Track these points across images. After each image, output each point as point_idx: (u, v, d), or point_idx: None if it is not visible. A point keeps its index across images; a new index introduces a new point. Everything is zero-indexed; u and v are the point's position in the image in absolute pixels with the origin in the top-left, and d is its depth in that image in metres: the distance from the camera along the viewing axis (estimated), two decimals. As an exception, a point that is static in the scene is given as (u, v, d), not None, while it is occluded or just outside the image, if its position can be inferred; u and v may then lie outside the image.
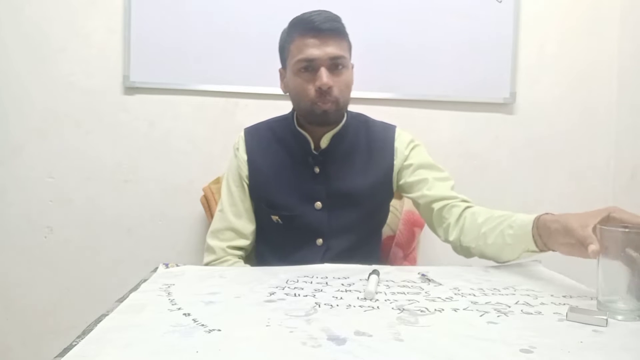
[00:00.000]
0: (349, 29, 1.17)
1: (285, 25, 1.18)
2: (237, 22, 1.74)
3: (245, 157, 1.23)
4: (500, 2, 1.81)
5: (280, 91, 1.24)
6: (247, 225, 1.24)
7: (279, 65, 1.23)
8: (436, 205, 1.17)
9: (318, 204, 1.18)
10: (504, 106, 1.86)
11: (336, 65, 1.11)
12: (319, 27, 1.09)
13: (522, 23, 1.83)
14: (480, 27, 1.81)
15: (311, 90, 1.11)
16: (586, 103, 1.90)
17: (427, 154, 1.25)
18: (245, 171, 1.23)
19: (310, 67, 1.10)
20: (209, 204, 1.56)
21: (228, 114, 1.76)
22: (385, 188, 1.24)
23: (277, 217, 1.20)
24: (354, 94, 1.22)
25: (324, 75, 1.09)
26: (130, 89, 1.75)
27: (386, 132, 1.26)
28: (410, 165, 1.22)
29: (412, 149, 1.24)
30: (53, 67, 1.73)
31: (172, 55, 1.73)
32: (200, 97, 1.77)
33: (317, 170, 1.19)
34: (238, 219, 1.23)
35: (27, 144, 1.74)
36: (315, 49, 1.09)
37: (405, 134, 1.27)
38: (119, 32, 1.72)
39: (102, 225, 1.77)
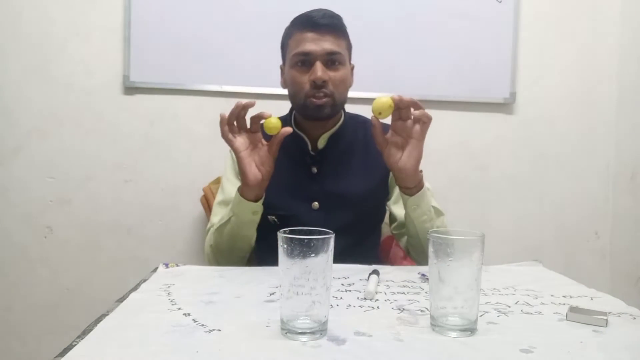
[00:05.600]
0: (349, 29, 1.17)
1: (285, 24, 1.19)
2: (238, 22, 1.74)
3: None
4: (500, 2, 1.81)
5: (280, 91, 1.24)
6: None
7: (279, 65, 1.23)
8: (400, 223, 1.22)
9: (315, 204, 1.18)
10: (504, 106, 1.86)
11: (332, 61, 1.12)
12: (317, 22, 1.11)
13: (522, 23, 1.83)
14: (480, 27, 1.81)
15: (306, 83, 1.12)
16: (586, 103, 1.90)
17: None
18: None
19: (306, 61, 1.11)
20: (209, 204, 1.55)
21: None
22: (381, 189, 1.25)
23: (273, 217, 1.20)
24: (354, 94, 1.22)
25: (319, 69, 1.10)
26: (130, 89, 1.75)
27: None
28: None
29: None
30: (53, 67, 1.73)
31: (172, 55, 1.72)
32: (200, 97, 1.77)
33: (314, 170, 1.20)
34: None
35: (27, 144, 1.74)
36: (312, 44, 1.10)
37: None
38: (118, 32, 1.72)
39: (102, 225, 1.77)
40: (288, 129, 1.03)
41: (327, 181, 1.19)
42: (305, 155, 1.20)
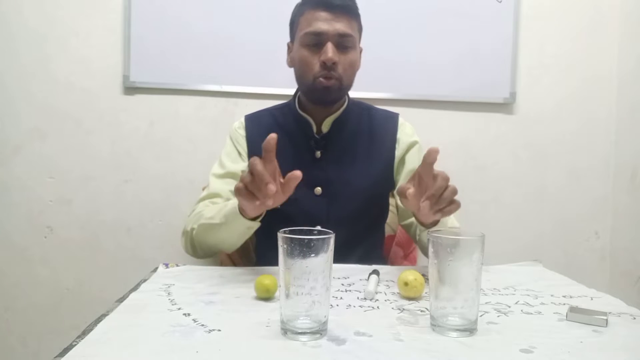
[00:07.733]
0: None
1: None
2: (237, 22, 1.74)
3: (245, 143, 1.21)
4: (500, 2, 1.81)
5: (280, 91, 1.24)
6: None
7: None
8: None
9: (318, 190, 1.16)
10: (504, 106, 1.86)
11: (343, 43, 1.10)
12: (331, 2, 1.08)
13: (522, 23, 1.83)
14: (480, 27, 1.81)
15: (316, 64, 1.09)
16: (586, 103, 1.90)
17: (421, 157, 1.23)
18: (244, 153, 1.21)
19: (317, 41, 1.09)
20: (209, 204, 1.55)
21: (228, 114, 1.76)
22: (386, 179, 1.22)
23: None
24: (354, 94, 1.21)
25: (330, 50, 1.07)
26: (130, 89, 1.75)
27: (388, 122, 1.24)
28: (406, 166, 1.20)
29: (412, 147, 1.22)
30: (53, 67, 1.73)
31: (172, 55, 1.73)
32: (200, 97, 1.77)
33: (318, 154, 1.17)
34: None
35: (27, 144, 1.74)
36: (325, 24, 1.08)
37: (408, 125, 1.26)
38: (118, 32, 1.72)
39: (102, 225, 1.77)
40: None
41: (331, 167, 1.17)
42: (309, 139, 1.18)
